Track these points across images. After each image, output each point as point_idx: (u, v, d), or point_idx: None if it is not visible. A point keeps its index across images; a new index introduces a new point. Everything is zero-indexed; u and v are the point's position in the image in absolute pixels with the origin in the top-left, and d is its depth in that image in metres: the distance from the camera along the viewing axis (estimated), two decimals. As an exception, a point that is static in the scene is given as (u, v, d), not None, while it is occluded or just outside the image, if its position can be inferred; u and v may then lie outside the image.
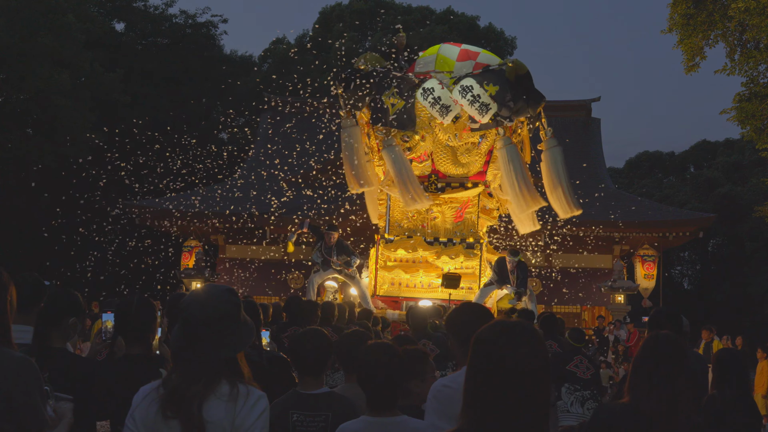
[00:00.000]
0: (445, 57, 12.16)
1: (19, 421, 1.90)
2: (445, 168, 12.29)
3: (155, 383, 2.24)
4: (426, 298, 11.35)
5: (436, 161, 12.31)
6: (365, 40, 36.64)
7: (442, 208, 12.57)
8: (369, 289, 12.16)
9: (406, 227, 12.52)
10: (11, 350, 2.00)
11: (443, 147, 12.20)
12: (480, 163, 12.29)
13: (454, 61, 12.06)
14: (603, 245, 22.20)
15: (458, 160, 12.26)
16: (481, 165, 12.32)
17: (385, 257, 12.30)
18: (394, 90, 11.44)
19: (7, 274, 2.11)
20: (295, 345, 3.23)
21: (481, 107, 11.19)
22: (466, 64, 11.92)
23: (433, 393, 2.88)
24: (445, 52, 12.33)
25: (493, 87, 11.06)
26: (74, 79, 23.97)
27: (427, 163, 12.40)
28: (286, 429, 2.96)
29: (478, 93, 11.13)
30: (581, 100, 27.13)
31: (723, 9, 13.29)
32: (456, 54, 12.21)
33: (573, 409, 5.22)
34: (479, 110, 11.20)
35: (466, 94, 11.17)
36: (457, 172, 12.34)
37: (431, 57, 12.34)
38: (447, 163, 12.27)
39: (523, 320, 1.93)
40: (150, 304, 3.40)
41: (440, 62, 12.08)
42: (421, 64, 12.32)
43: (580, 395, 5.33)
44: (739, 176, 36.23)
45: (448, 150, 12.22)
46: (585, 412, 5.17)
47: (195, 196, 21.90)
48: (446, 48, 12.54)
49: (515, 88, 11.18)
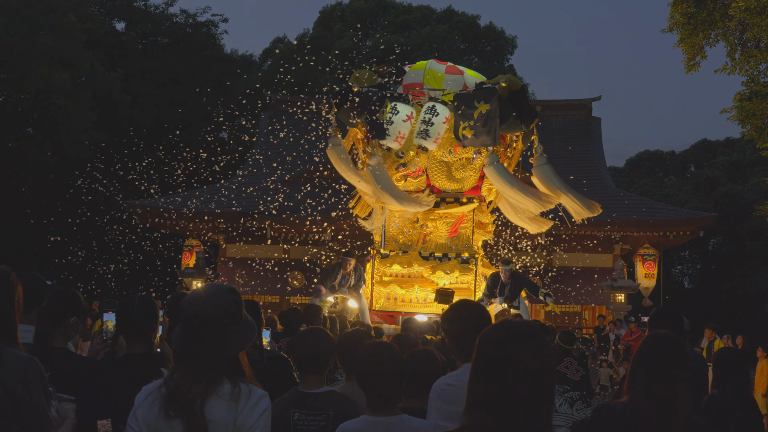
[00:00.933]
0: (433, 71, 12.27)
1: (24, 421, 1.90)
2: (440, 183, 12.43)
3: (157, 382, 2.24)
4: (421, 312, 11.40)
5: (431, 176, 12.45)
6: (366, 40, 36.62)
7: (437, 224, 12.68)
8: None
9: (402, 242, 12.65)
10: (17, 350, 2.01)
11: (438, 162, 12.34)
12: (475, 179, 12.36)
13: (442, 74, 12.17)
14: (603, 244, 22.20)
15: (453, 176, 12.40)
16: (476, 180, 12.39)
17: (381, 272, 12.42)
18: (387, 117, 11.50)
19: (15, 275, 2.11)
20: (296, 344, 3.24)
21: (421, 132, 11.37)
22: (455, 78, 12.02)
23: (437, 392, 2.87)
24: (433, 66, 12.46)
25: (484, 105, 11.13)
26: (75, 79, 23.98)
27: (422, 179, 12.54)
28: (287, 428, 2.96)
29: (434, 123, 11.28)
30: (582, 99, 27.12)
31: (723, 8, 13.30)
32: (443, 68, 12.38)
33: (561, 410, 5.26)
34: (419, 132, 11.39)
35: (428, 113, 11.33)
36: (452, 187, 12.49)
37: (420, 71, 12.44)
38: (442, 179, 12.40)
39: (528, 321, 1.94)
40: (151, 303, 3.40)
41: (428, 77, 12.18)
42: (411, 77, 12.42)
43: (569, 396, 5.36)
44: (740, 175, 36.23)
45: (442, 165, 12.36)
46: (574, 412, 5.21)
47: (195, 196, 21.91)
48: (433, 64, 12.67)
49: (508, 105, 11.22)
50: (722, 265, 36.13)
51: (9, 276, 2.08)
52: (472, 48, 37.66)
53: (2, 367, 1.96)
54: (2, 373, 1.95)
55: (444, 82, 11.94)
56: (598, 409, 2.63)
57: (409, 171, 12.51)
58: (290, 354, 4.28)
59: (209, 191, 22.58)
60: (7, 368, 1.93)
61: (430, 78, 12.16)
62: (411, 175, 12.55)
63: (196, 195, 22.07)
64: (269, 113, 27.26)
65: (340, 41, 34.28)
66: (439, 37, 34.65)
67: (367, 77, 12.06)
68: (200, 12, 33.78)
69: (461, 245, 12.41)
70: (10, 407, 1.88)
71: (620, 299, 20.67)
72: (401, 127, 11.42)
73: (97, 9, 30.76)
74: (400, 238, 12.69)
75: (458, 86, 11.77)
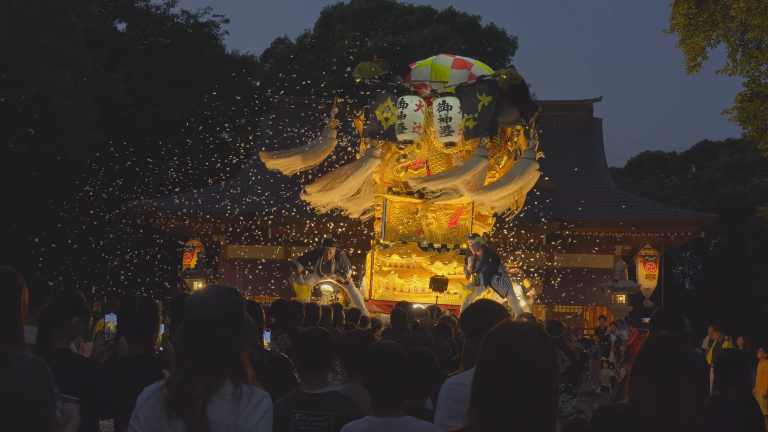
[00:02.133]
0: (440, 66, 12.34)
1: (30, 422, 1.90)
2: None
3: (159, 383, 2.24)
4: (420, 302, 11.43)
5: (432, 168, 12.51)
6: (367, 40, 36.61)
7: (437, 215, 12.72)
8: (365, 293, 12.34)
9: (401, 233, 12.70)
10: (23, 351, 2.01)
11: (438, 154, 12.40)
12: (475, 170, 12.39)
13: (449, 68, 12.23)
14: (604, 245, 22.19)
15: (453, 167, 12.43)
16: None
17: (380, 262, 12.47)
18: (388, 103, 11.55)
19: (21, 276, 2.11)
20: (298, 344, 3.23)
21: (443, 129, 11.42)
22: (461, 73, 12.08)
23: (446, 391, 2.86)
24: (439, 61, 12.52)
25: (486, 97, 11.18)
26: (76, 79, 23.99)
27: (423, 170, 12.56)
28: (288, 428, 2.96)
29: (452, 116, 11.33)
30: (583, 100, 27.12)
31: (725, 9, 13.29)
32: (450, 62, 12.43)
33: None
34: (441, 130, 11.45)
35: (442, 110, 11.40)
36: None
37: (426, 68, 12.50)
38: (442, 170, 12.44)
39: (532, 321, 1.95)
40: (152, 304, 3.40)
41: (435, 72, 12.24)
42: (417, 74, 12.47)
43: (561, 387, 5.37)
44: (741, 176, 36.20)
45: (443, 157, 12.42)
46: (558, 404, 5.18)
47: (197, 196, 21.91)
48: (441, 58, 12.73)
49: (508, 98, 11.27)
50: (723, 266, 36.09)
51: (15, 277, 2.08)
52: (473, 49, 37.63)
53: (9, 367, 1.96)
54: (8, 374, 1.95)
55: (450, 77, 12.01)
56: (599, 411, 2.63)
57: (410, 162, 12.59)
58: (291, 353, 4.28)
59: (210, 192, 22.58)
60: (13, 369, 1.93)
61: (436, 74, 12.24)
62: (412, 166, 12.62)
63: (197, 195, 22.07)
64: (270, 114, 27.28)
65: (341, 42, 34.28)
66: (440, 38, 34.63)
67: (370, 69, 12.14)
68: (201, 13, 33.83)
69: (460, 236, 12.47)
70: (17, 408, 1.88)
71: (621, 300, 20.66)
72: (415, 117, 11.55)
73: (98, 10, 30.76)
74: (400, 229, 12.76)
75: (462, 81, 11.82)
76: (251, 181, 22.56)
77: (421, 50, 32.13)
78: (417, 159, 12.53)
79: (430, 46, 33.72)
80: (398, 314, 7.27)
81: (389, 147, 12.29)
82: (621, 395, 3.19)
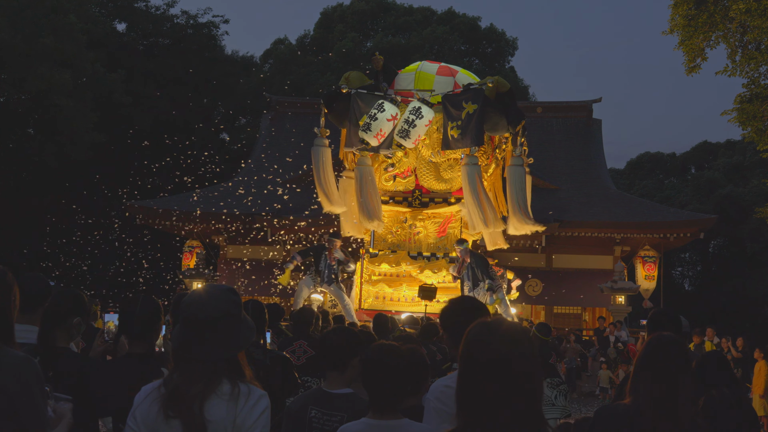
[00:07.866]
0: (425, 73, 12.26)
1: (20, 421, 1.90)
2: (429, 183, 12.50)
3: (156, 382, 2.24)
4: (409, 311, 11.43)
5: (420, 177, 12.52)
6: (366, 41, 36.62)
7: (425, 223, 12.74)
8: (354, 302, 12.32)
9: (390, 242, 12.72)
10: (13, 350, 2.00)
11: (426, 163, 12.41)
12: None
13: (434, 75, 12.17)
14: (604, 246, 22.21)
15: (441, 176, 12.49)
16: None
17: (370, 271, 12.49)
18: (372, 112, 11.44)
19: (11, 274, 2.11)
20: (322, 341, 3.23)
21: (402, 131, 11.25)
22: (446, 80, 12.01)
23: (435, 394, 2.84)
24: (424, 68, 12.44)
25: (471, 105, 11.11)
26: (76, 80, 23.98)
27: (411, 179, 12.58)
28: (304, 423, 2.98)
29: (417, 125, 11.17)
30: (582, 101, 27.14)
31: (724, 10, 13.28)
32: (435, 69, 12.36)
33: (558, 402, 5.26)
34: (400, 130, 11.28)
35: (412, 114, 11.22)
36: (440, 187, 12.58)
37: (410, 74, 12.41)
38: (430, 179, 12.48)
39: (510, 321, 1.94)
40: (154, 303, 3.40)
41: (419, 79, 12.16)
42: (401, 80, 12.40)
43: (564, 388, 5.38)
44: (740, 177, 36.22)
45: (431, 166, 12.43)
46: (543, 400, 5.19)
47: (196, 197, 21.92)
48: (425, 65, 12.65)
49: (495, 106, 11.20)
50: (723, 267, 36.12)
51: (5, 276, 2.08)
52: (473, 49, 37.66)
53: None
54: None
55: (434, 84, 11.95)
56: (600, 411, 2.64)
57: (397, 171, 12.62)
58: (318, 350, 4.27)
59: (210, 192, 22.59)
60: (3, 368, 1.92)
61: (420, 80, 12.17)
62: (400, 175, 12.66)
63: (197, 196, 22.08)
64: (270, 114, 27.28)
65: (341, 42, 34.29)
66: (440, 39, 34.65)
67: (357, 78, 12.13)
68: (201, 13, 33.85)
69: (449, 245, 12.48)
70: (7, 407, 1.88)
71: (620, 301, 20.68)
72: (383, 125, 11.34)
73: (98, 10, 30.78)
74: (389, 238, 12.79)
75: (448, 88, 11.76)
76: (250, 181, 22.58)
77: (421, 51, 32.15)
78: (405, 168, 12.58)
79: (430, 47, 33.74)
80: (381, 318, 7.19)
81: (377, 156, 12.28)
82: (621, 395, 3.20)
